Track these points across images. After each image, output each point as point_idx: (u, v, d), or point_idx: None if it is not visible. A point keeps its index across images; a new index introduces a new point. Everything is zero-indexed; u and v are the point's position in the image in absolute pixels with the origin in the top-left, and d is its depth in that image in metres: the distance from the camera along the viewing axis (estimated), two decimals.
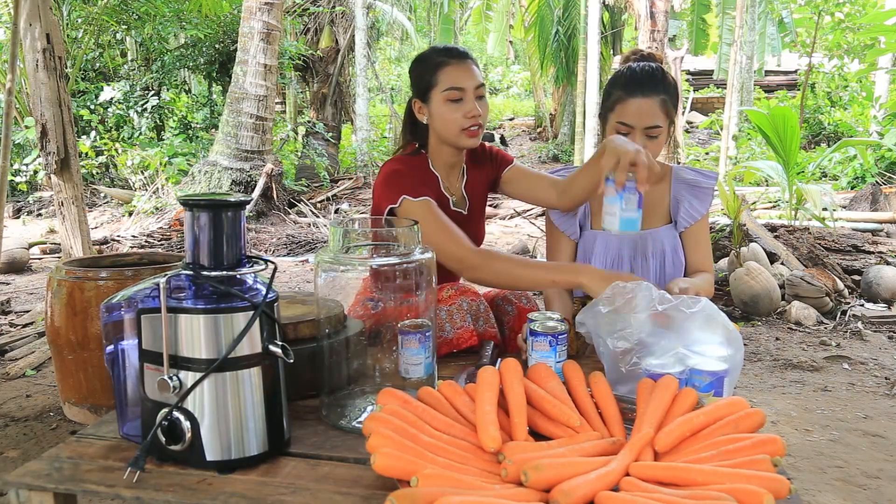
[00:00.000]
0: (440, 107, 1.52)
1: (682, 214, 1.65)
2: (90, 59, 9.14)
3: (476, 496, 0.81)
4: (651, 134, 1.53)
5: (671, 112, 1.55)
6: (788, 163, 4.94)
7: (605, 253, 1.66)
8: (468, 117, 1.51)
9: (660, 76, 1.55)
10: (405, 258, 1.10)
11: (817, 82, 11.47)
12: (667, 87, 1.54)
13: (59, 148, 3.13)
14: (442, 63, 1.52)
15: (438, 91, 1.52)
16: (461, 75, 1.51)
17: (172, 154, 7.91)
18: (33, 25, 3.08)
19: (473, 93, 1.52)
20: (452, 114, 1.51)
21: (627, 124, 1.53)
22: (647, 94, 1.52)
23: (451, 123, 1.52)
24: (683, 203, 1.65)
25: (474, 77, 1.53)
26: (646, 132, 1.52)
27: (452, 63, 1.52)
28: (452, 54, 1.54)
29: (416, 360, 1.15)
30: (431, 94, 1.54)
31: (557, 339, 1.25)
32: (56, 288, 2.16)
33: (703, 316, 1.19)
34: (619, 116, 1.54)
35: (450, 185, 1.63)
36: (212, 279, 0.96)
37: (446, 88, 1.51)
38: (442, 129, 1.55)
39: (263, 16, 6.92)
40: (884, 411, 2.46)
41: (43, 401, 2.49)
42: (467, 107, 1.51)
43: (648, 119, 1.52)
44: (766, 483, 0.82)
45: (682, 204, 1.66)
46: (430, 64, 1.54)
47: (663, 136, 1.55)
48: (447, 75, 1.51)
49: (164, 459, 0.97)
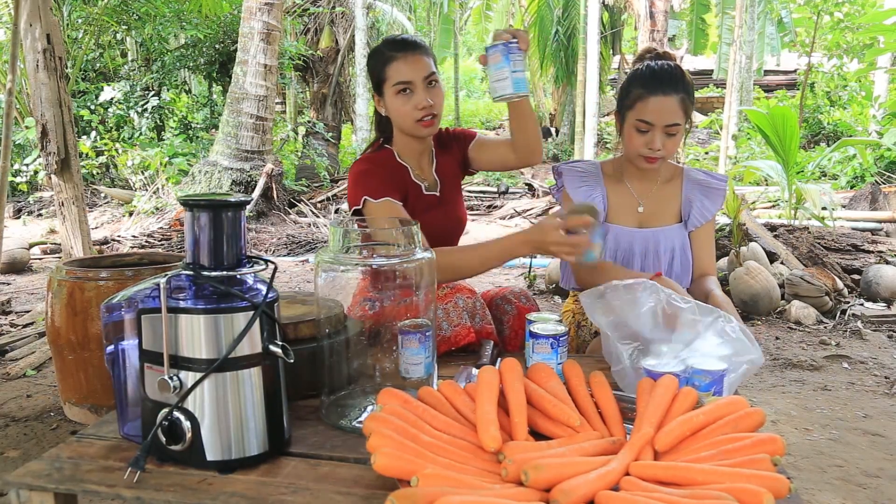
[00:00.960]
0: (392, 100, 1.56)
1: (694, 213, 1.67)
2: (90, 60, 9.14)
3: (476, 496, 0.81)
4: (670, 132, 1.54)
5: (689, 110, 1.56)
6: (788, 162, 4.94)
7: (617, 248, 1.67)
8: (419, 108, 1.54)
9: (679, 75, 1.56)
10: (405, 258, 1.10)
11: (816, 82, 11.47)
12: (686, 85, 1.55)
13: (59, 148, 3.13)
14: (390, 58, 1.55)
15: (389, 86, 1.55)
16: (408, 68, 1.53)
17: (173, 154, 7.91)
18: (34, 26, 3.08)
19: (423, 83, 1.54)
20: (404, 106, 1.55)
21: (648, 122, 1.53)
22: (668, 93, 1.52)
23: (405, 116, 1.55)
24: (696, 203, 1.67)
25: (422, 68, 1.54)
26: (665, 130, 1.53)
27: (399, 57, 1.54)
28: (399, 47, 1.56)
29: (416, 360, 1.16)
30: (384, 88, 1.57)
31: (559, 341, 1.25)
32: (56, 288, 2.16)
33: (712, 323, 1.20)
34: (640, 114, 1.54)
35: (421, 171, 1.66)
36: (212, 279, 0.96)
37: (394, 83, 1.54)
38: (398, 122, 1.59)
39: (263, 16, 6.92)
40: (883, 410, 2.46)
41: (43, 401, 2.49)
42: (417, 98, 1.54)
43: (669, 117, 1.52)
44: (766, 482, 0.82)
45: (694, 203, 1.67)
46: (380, 59, 1.57)
47: (681, 133, 1.57)
48: (395, 70, 1.54)
49: (164, 459, 0.98)
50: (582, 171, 1.72)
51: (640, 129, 1.54)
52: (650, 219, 1.68)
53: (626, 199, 1.68)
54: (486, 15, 13.69)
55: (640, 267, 1.66)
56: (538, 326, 1.28)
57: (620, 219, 1.68)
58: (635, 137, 1.56)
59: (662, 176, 1.69)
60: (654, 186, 1.68)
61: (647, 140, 1.54)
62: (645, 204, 1.68)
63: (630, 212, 1.68)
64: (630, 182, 1.69)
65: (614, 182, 1.70)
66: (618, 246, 1.67)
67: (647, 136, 1.54)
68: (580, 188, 1.68)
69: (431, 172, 1.69)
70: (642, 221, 1.68)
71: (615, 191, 1.69)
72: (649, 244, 1.66)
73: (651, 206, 1.68)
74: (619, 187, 1.69)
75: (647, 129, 1.54)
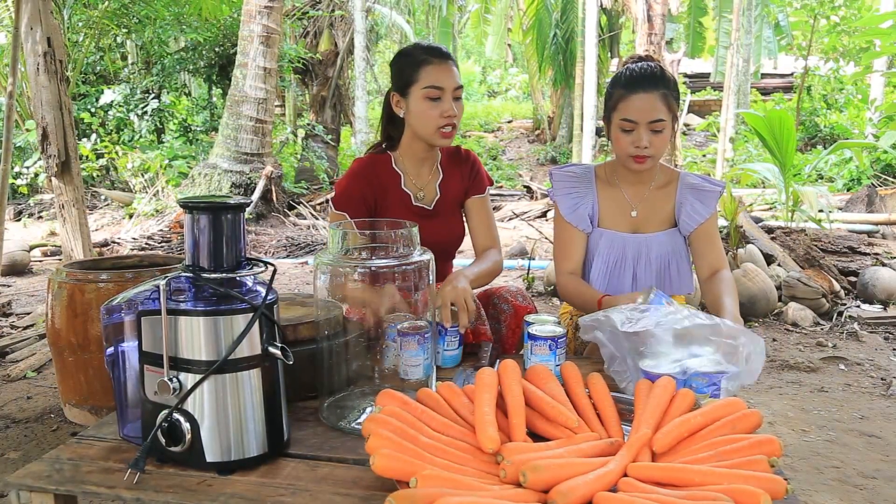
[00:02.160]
0: (418, 103, 1.56)
1: (683, 217, 1.67)
2: (91, 63, 9.15)
3: (475, 497, 0.81)
4: (655, 128, 1.54)
5: (673, 106, 1.57)
6: (785, 165, 4.95)
7: (609, 253, 1.67)
8: (444, 116, 1.55)
9: (658, 72, 1.57)
10: (403, 260, 1.11)
11: (813, 85, 11.50)
12: (666, 82, 1.56)
13: (59, 151, 3.13)
14: (425, 61, 1.56)
15: (418, 88, 1.56)
16: (442, 75, 1.55)
17: (172, 157, 7.91)
18: (34, 29, 3.08)
19: (452, 94, 1.56)
20: (430, 111, 1.55)
21: (631, 120, 1.54)
22: (648, 90, 1.53)
23: (428, 121, 1.56)
24: (686, 206, 1.67)
25: (454, 78, 1.57)
26: (650, 126, 1.54)
27: (435, 62, 1.56)
28: (435, 53, 1.58)
29: (415, 362, 1.16)
30: (411, 89, 1.57)
31: (557, 342, 1.26)
32: (57, 290, 2.16)
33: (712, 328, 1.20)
34: (623, 113, 1.55)
35: (418, 181, 1.67)
36: (211, 281, 0.96)
37: (426, 86, 1.55)
38: (417, 126, 1.59)
39: (263, 19, 6.93)
40: (880, 412, 2.46)
41: (44, 402, 2.49)
42: (444, 106, 1.55)
43: (652, 113, 1.53)
44: (764, 483, 0.82)
45: (684, 207, 1.67)
46: (412, 60, 1.58)
47: (668, 130, 1.57)
48: (429, 73, 1.55)
49: (164, 461, 0.98)
50: (574, 175, 1.72)
51: (625, 128, 1.56)
52: (644, 224, 1.68)
53: (618, 203, 1.68)
54: (484, 18, 13.70)
55: (632, 272, 1.66)
56: (536, 328, 1.28)
57: (613, 223, 1.68)
58: (622, 138, 1.57)
59: (657, 181, 1.68)
60: (647, 191, 1.68)
61: (634, 139, 1.55)
62: (639, 209, 1.67)
63: (623, 216, 1.68)
64: (623, 186, 1.69)
65: (607, 186, 1.70)
66: (610, 251, 1.66)
67: (632, 134, 1.55)
68: (570, 195, 1.69)
69: (432, 183, 1.69)
70: (636, 226, 1.68)
71: (608, 195, 1.69)
72: (641, 249, 1.66)
73: (645, 211, 1.68)
74: (613, 192, 1.69)
75: (631, 128, 1.55)
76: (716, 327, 1.20)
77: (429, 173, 1.69)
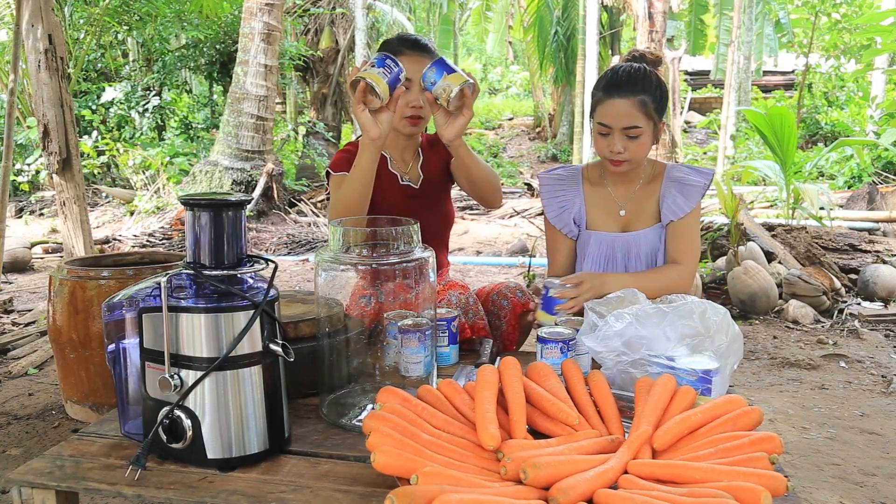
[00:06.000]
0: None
1: (664, 210, 1.65)
2: (92, 60, 9.14)
3: (475, 494, 0.81)
4: (630, 134, 1.53)
5: (652, 113, 1.54)
6: (786, 162, 4.95)
7: (598, 254, 1.67)
8: (409, 107, 1.61)
9: (640, 77, 1.55)
10: (405, 257, 1.11)
11: (814, 82, 11.47)
12: (647, 87, 1.54)
13: (60, 148, 3.13)
14: (397, 52, 1.60)
15: None
16: (410, 67, 1.57)
17: (173, 154, 7.91)
18: (35, 26, 3.08)
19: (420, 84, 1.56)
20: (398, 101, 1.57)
21: (606, 125, 1.55)
22: (625, 95, 1.52)
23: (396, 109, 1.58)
24: (668, 199, 1.65)
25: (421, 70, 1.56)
26: (625, 132, 1.53)
27: (406, 53, 1.61)
28: (409, 45, 1.63)
29: (415, 359, 1.16)
30: None
31: (568, 345, 1.26)
32: (58, 287, 2.17)
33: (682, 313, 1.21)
34: (599, 117, 1.56)
35: (402, 164, 1.74)
36: (212, 278, 0.96)
37: None
38: None
39: (264, 17, 6.92)
40: (880, 409, 2.46)
41: (45, 399, 2.49)
42: (410, 96, 1.60)
43: (625, 120, 1.52)
44: (764, 480, 0.82)
45: (666, 200, 1.65)
46: (388, 50, 1.62)
47: (646, 137, 1.55)
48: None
49: (165, 457, 0.98)
50: (560, 178, 1.72)
51: (602, 132, 1.56)
52: (632, 222, 1.67)
53: (606, 203, 1.68)
54: (485, 15, 13.68)
55: (622, 270, 1.66)
56: (547, 331, 1.28)
57: (601, 224, 1.68)
58: (599, 140, 1.58)
59: (644, 177, 1.67)
60: (635, 189, 1.67)
61: (609, 143, 1.55)
62: (627, 207, 1.67)
63: (611, 216, 1.67)
64: (611, 185, 1.68)
65: (595, 187, 1.69)
66: (599, 252, 1.66)
67: (608, 138, 1.55)
68: (556, 198, 1.70)
69: (415, 167, 1.75)
70: (625, 225, 1.67)
71: (595, 196, 1.69)
72: (630, 248, 1.66)
73: (633, 210, 1.67)
74: (600, 192, 1.69)
75: (606, 132, 1.55)
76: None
77: (411, 157, 1.76)
